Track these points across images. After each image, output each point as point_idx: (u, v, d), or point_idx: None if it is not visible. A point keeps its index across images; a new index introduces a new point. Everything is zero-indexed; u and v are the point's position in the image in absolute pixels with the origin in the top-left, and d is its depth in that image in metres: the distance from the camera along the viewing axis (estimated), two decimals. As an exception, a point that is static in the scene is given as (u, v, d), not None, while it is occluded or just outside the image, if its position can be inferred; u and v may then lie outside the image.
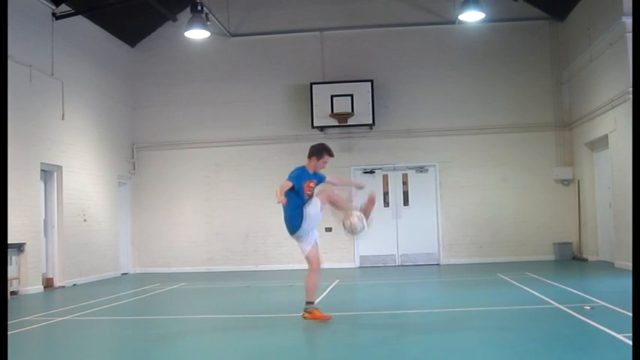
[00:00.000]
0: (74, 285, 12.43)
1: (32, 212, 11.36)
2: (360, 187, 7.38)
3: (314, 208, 6.70)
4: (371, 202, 7.04)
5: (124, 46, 15.41)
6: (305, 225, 6.66)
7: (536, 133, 14.76)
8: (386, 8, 15.22)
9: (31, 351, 6.10)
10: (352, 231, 6.74)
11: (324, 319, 6.76)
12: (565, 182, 14.61)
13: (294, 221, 6.69)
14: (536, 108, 14.83)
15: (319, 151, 6.92)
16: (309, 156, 6.95)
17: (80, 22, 13.25)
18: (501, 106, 14.86)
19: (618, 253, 11.85)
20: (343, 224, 6.75)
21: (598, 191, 13.56)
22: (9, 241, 10.27)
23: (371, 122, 14.56)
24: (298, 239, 6.86)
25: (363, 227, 6.72)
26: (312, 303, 6.87)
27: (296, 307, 7.82)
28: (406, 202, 15.02)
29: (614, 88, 11.67)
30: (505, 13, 14.69)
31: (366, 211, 6.92)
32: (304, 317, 6.81)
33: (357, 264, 14.87)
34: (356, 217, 6.71)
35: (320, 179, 6.99)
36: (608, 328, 5.68)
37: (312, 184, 6.83)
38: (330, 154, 6.96)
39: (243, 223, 15.15)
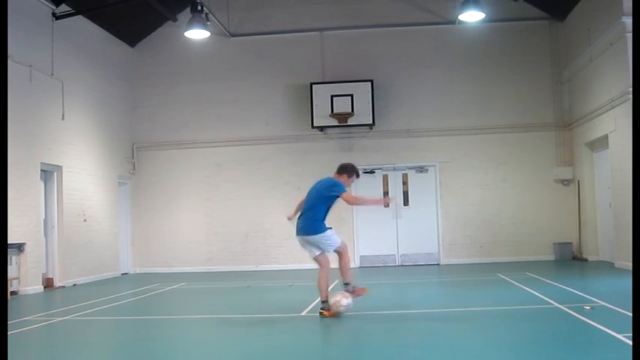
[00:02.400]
0: (74, 285, 12.43)
1: (32, 212, 11.36)
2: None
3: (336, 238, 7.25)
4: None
5: (124, 46, 15.41)
6: (328, 234, 7.15)
7: (536, 133, 14.76)
8: (386, 8, 15.21)
9: (31, 351, 6.10)
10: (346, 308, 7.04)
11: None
12: (565, 182, 14.60)
13: (318, 226, 7.13)
14: (536, 108, 14.82)
15: (352, 171, 7.48)
16: (342, 172, 7.44)
17: (80, 22, 13.24)
18: (501, 106, 14.86)
19: (618, 253, 11.84)
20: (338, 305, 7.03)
21: (598, 191, 13.55)
22: (9, 241, 10.27)
23: (371, 122, 14.56)
24: (313, 242, 7.17)
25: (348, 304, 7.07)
26: (327, 301, 7.17)
27: (296, 307, 7.84)
28: (406, 202, 15.02)
29: (614, 88, 11.67)
30: (505, 13, 14.68)
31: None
32: (322, 315, 7.10)
33: (357, 264, 14.85)
34: (343, 297, 7.10)
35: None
36: (608, 328, 5.68)
37: None
38: (358, 176, 7.61)
39: (243, 223, 15.15)
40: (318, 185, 7.42)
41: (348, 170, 7.44)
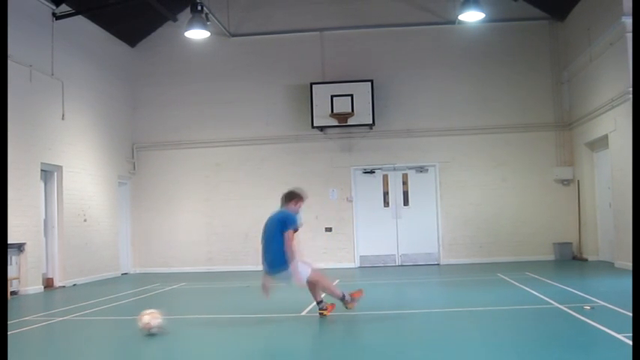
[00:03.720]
0: (74, 285, 12.43)
1: (32, 212, 11.36)
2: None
3: (304, 268, 7.14)
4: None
5: (124, 46, 15.41)
6: (294, 267, 7.03)
7: (536, 133, 14.75)
8: (386, 8, 15.21)
9: (31, 351, 6.10)
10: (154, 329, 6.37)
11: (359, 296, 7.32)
12: (565, 182, 14.60)
13: (283, 259, 7.13)
14: (536, 108, 14.82)
15: (299, 197, 7.48)
16: (289, 200, 7.41)
17: (80, 22, 13.25)
18: (501, 106, 14.85)
19: (618, 253, 11.84)
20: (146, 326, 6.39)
21: (598, 191, 13.55)
22: (9, 241, 10.27)
23: (371, 122, 14.55)
24: (283, 278, 7.21)
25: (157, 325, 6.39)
26: (344, 297, 7.20)
27: (296, 307, 7.84)
28: (406, 202, 15.02)
29: (614, 88, 11.67)
30: (505, 13, 14.68)
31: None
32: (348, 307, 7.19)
33: (357, 264, 14.86)
34: (150, 318, 6.42)
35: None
36: (608, 328, 5.68)
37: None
38: (304, 200, 7.56)
39: (243, 223, 15.13)
40: (271, 220, 7.52)
41: (294, 197, 7.47)
